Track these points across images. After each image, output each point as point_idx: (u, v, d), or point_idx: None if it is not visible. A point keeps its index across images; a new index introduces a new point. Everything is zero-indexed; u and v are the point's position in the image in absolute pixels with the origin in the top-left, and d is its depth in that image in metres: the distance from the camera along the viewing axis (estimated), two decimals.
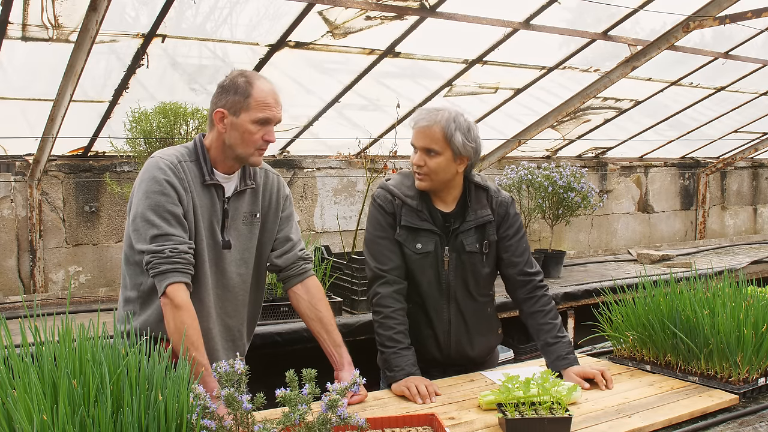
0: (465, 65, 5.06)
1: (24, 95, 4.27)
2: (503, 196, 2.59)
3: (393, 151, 4.68)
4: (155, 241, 2.11)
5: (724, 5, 4.72)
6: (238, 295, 2.37)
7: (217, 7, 4.36)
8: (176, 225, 2.14)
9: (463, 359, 2.60)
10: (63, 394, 1.38)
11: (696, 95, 6.65)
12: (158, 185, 2.15)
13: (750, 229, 9.09)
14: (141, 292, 2.25)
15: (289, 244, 2.44)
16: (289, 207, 2.46)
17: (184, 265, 2.11)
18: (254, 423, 1.57)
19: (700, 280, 2.59)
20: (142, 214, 2.13)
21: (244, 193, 2.33)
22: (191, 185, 2.21)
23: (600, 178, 7.48)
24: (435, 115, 2.40)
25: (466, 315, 2.55)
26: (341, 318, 4.07)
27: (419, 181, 2.46)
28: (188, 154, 2.25)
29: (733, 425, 2.09)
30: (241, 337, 2.44)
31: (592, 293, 4.98)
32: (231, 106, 2.19)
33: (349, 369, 2.32)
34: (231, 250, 2.30)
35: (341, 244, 5.23)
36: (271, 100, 2.21)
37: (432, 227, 2.49)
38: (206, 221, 2.25)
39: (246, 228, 2.34)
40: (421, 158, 2.42)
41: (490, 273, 2.58)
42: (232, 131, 2.20)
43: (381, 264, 2.48)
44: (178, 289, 2.08)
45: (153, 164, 2.19)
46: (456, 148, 2.39)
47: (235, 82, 2.20)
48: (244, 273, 2.36)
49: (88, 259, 4.78)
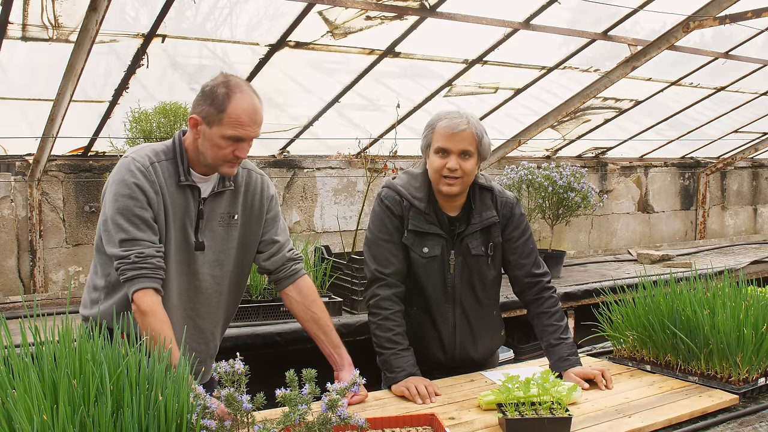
0: (465, 65, 5.06)
1: (24, 95, 4.27)
2: (508, 196, 2.57)
3: (393, 151, 4.68)
4: (122, 246, 2.10)
5: (724, 5, 4.72)
6: (212, 297, 2.33)
7: (217, 7, 4.36)
8: (145, 229, 2.12)
9: (467, 362, 2.59)
10: (63, 394, 1.38)
11: (696, 95, 6.66)
12: (127, 188, 2.12)
13: (750, 229, 9.09)
14: (107, 282, 2.24)
15: (276, 246, 2.39)
16: (274, 208, 2.42)
17: (151, 270, 2.09)
18: (254, 423, 1.57)
19: (700, 280, 2.59)
20: (112, 218, 2.12)
21: (222, 194, 2.29)
22: (164, 186, 2.17)
23: (600, 178, 7.48)
24: (467, 119, 2.39)
25: (471, 318, 2.54)
26: (341, 318, 4.07)
27: (450, 186, 2.39)
28: (164, 153, 2.22)
29: (733, 425, 2.09)
30: (214, 339, 2.41)
31: (592, 293, 4.99)
32: (205, 116, 2.14)
33: (349, 369, 2.31)
34: (204, 251, 2.27)
35: (341, 244, 5.23)
36: (245, 119, 2.13)
37: (439, 231, 2.46)
38: (178, 222, 2.21)
39: (222, 229, 2.30)
40: (456, 162, 2.36)
41: (496, 276, 2.57)
42: (204, 140, 2.16)
43: (382, 267, 2.45)
44: (143, 295, 2.07)
45: (124, 166, 2.16)
46: (483, 151, 2.41)
47: (215, 92, 2.14)
48: (218, 275, 2.32)
49: (88, 259, 4.78)
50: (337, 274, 4.41)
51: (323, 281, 4.29)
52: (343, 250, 4.76)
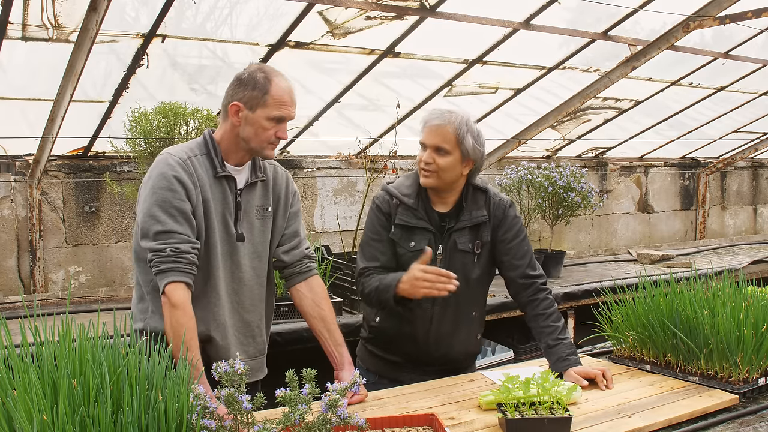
0: (465, 65, 5.06)
1: (24, 95, 4.28)
2: (502, 198, 2.60)
3: (393, 151, 4.68)
4: (158, 239, 2.11)
5: (724, 5, 4.72)
6: (254, 289, 2.36)
7: (217, 7, 4.36)
8: (182, 222, 2.13)
9: (440, 360, 2.59)
10: (63, 394, 1.38)
11: (696, 95, 6.66)
12: (166, 181, 2.15)
13: (750, 229, 9.10)
14: (152, 287, 2.23)
15: (297, 240, 2.44)
16: (297, 203, 2.48)
17: (185, 264, 2.10)
18: (254, 423, 1.57)
19: (700, 280, 2.58)
20: (149, 210, 2.13)
21: (255, 185, 2.33)
22: (201, 179, 2.21)
23: (600, 178, 7.48)
24: (449, 115, 2.45)
25: (449, 315, 2.55)
26: (341, 318, 4.07)
27: (425, 178, 2.47)
28: (198, 149, 2.26)
29: (733, 425, 2.09)
30: (261, 333, 2.43)
31: (592, 293, 4.98)
32: (248, 100, 2.19)
33: (350, 369, 2.32)
34: (245, 242, 2.30)
35: (341, 244, 5.23)
36: (287, 99, 2.21)
37: (427, 225, 2.51)
38: (219, 214, 2.24)
39: (259, 221, 2.34)
40: (430, 156, 2.44)
41: (481, 275, 2.57)
42: (246, 125, 2.21)
43: (369, 262, 2.54)
44: (176, 288, 2.08)
45: (161, 161, 2.20)
46: (465, 150, 2.43)
47: (254, 77, 2.19)
48: (257, 266, 2.35)
49: (88, 259, 4.78)
50: (337, 274, 4.41)
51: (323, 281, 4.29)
52: (343, 250, 4.77)
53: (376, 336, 2.64)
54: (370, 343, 2.68)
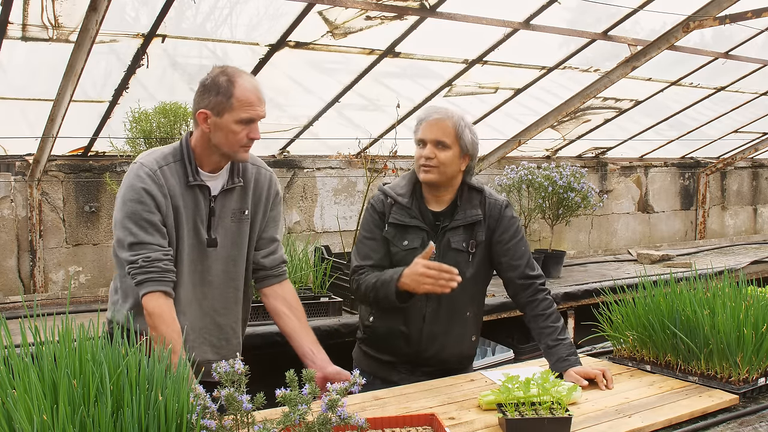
0: (465, 65, 5.06)
1: (24, 95, 4.27)
2: (498, 198, 2.60)
3: (393, 151, 4.68)
4: (131, 250, 2.15)
5: (724, 5, 4.72)
6: (227, 292, 2.37)
7: (217, 7, 4.36)
8: (153, 232, 2.16)
9: (433, 360, 2.58)
10: (63, 394, 1.38)
11: (696, 95, 6.65)
12: (135, 193, 2.17)
13: (750, 229, 9.09)
14: (124, 286, 2.30)
15: (275, 245, 2.45)
16: (277, 206, 2.46)
17: (158, 273, 2.13)
18: (254, 423, 1.57)
19: (700, 280, 2.58)
20: (121, 221, 2.18)
21: (232, 190, 2.33)
22: (173, 189, 2.22)
23: (600, 178, 7.48)
24: (446, 111, 2.48)
25: (442, 314, 2.55)
26: (341, 318, 4.07)
27: (426, 173, 2.47)
28: (173, 155, 2.26)
29: (733, 425, 2.09)
30: (236, 335, 2.44)
31: (592, 293, 4.98)
32: (214, 106, 2.17)
33: (331, 365, 2.29)
34: (217, 248, 2.30)
35: (341, 244, 5.23)
36: (254, 99, 2.19)
37: (420, 224, 2.52)
38: (190, 221, 2.25)
39: (235, 225, 2.34)
40: (431, 151, 2.45)
41: (476, 275, 2.56)
42: (216, 131, 2.19)
43: (363, 260, 2.56)
44: (150, 299, 2.12)
45: (132, 171, 2.22)
46: (464, 145, 2.46)
47: (217, 82, 2.17)
48: (231, 270, 2.36)
49: (88, 259, 4.78)
50: (337, 274, 4.40)
51: (323, 281, 4.29)
52: (343, 250, 4.76)
53: (369, 336, 2.65)
54: (365, 344, 2.68)
